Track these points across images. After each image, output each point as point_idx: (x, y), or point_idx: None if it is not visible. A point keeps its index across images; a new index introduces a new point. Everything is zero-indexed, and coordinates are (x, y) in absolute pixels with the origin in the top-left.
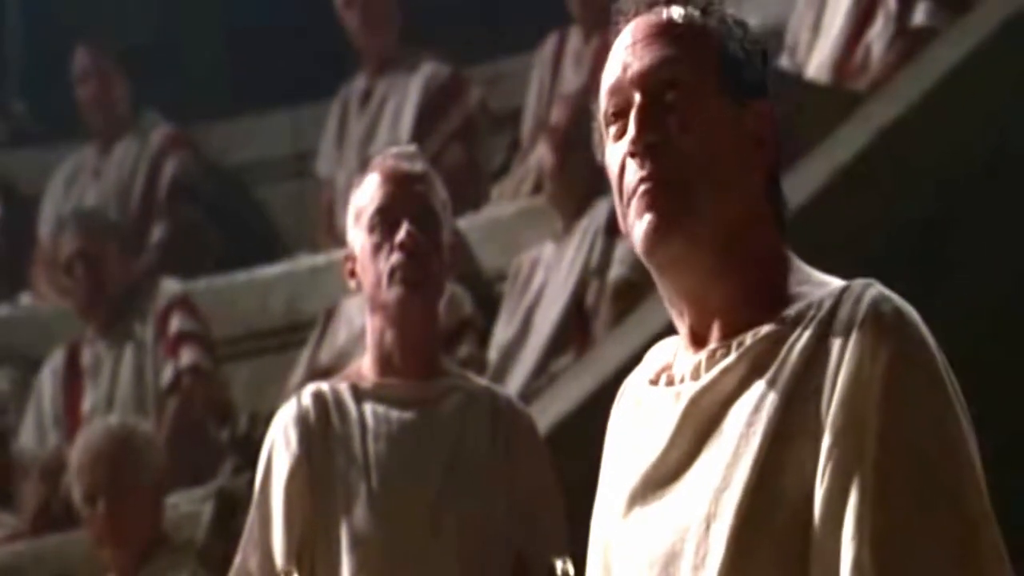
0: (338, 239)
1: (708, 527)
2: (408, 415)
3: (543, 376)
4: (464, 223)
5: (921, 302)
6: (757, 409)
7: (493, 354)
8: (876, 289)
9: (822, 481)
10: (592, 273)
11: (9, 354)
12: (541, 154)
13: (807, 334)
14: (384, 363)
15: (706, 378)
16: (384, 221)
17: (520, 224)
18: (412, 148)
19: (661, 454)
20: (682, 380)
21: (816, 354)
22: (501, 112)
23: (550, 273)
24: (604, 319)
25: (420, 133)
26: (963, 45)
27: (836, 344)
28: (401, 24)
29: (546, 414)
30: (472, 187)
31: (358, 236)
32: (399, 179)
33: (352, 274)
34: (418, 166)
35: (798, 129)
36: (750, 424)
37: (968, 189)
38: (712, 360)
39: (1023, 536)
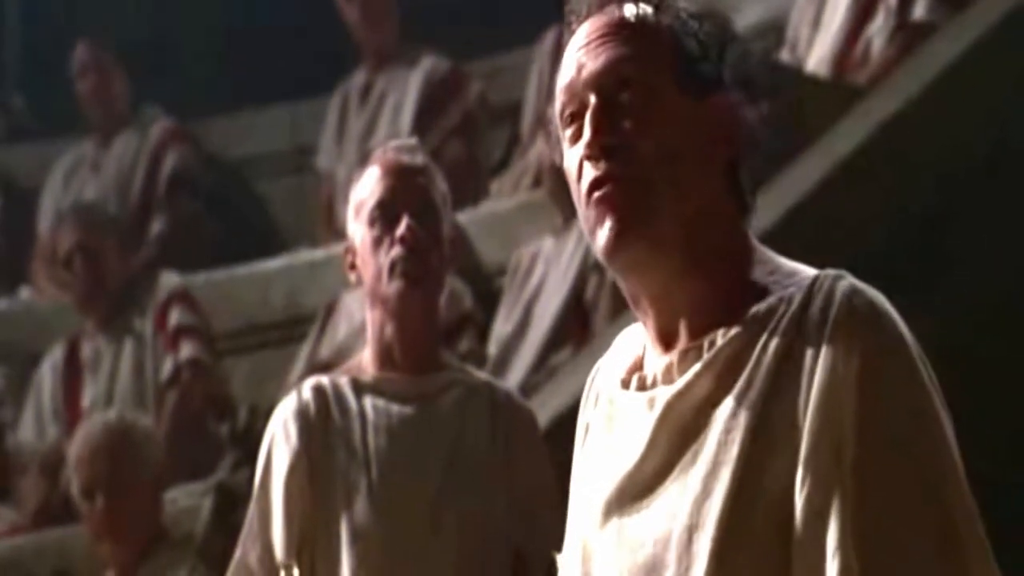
0: (338, 233)
1: (690, 537)
2: (408, 409)
3: (542, 370)
4: (464, 217)
5: (921, 297)
6: (734, 414)
7: (493, 348)
8: (847, 282)
9: (802, 486)
10: (591, 268)
11: (8, 349)
12: (541, 149)
13: (779, 333)
14: (384, 357)
15: (680, 383)
16: (384, 215)
17: (520, 219)
18: (412, 141)
19: (637, 463)
20: (654, 383)
21: (790, 353)
22: (501, 106)
23: (550, 267)
24: (603, 313)
25: (420, 128)
26: (963, 40)
27: (810, 342)
28: (400, 21)
29: (545, 408)
30: (472, 182)
31: (358, 230)
32: (399, 172)
33: (352, 268)
34: (418, 159)
35: (798, 123)
36: (728, 430)
37: (968, 184)
38: (684, 363)
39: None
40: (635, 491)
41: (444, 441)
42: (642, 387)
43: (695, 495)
